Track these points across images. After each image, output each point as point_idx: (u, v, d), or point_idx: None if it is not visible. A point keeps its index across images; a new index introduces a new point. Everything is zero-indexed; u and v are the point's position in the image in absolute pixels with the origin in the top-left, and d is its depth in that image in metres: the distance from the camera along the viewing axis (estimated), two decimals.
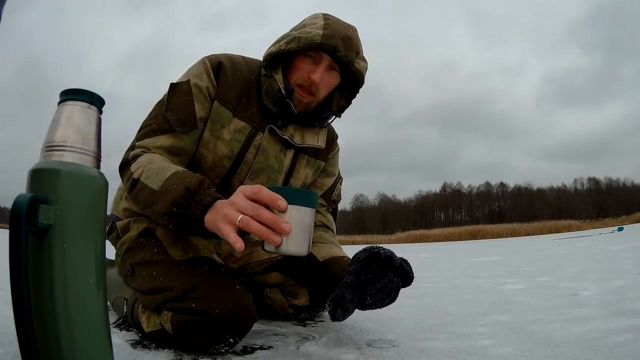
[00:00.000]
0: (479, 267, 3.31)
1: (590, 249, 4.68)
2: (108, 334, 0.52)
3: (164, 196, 0.74)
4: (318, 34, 0.88)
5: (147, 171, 0.80)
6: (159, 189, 0.75)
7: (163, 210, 0.74)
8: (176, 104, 0.91)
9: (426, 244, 15.29)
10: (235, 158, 0.97)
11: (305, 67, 0.92)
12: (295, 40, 0.89)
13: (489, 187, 50.45)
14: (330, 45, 0.87)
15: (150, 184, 0.77)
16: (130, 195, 0.84)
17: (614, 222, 18.49)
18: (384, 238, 23.56)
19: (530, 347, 0.84)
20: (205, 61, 0.95)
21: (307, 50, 0.90)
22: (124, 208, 1.04)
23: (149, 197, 0.77)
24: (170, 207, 0.72)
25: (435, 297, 1.70)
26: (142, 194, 0.79)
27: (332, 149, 1.15)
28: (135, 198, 0.82)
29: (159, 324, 0.85)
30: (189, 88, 0.92)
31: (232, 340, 0.81)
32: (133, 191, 0.81)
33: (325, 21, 0.91)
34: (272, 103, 0.96)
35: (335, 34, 0.88)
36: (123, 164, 0.88)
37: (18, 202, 0.45)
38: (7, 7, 0.52)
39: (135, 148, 0.87)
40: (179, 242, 0.92)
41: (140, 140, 0.89)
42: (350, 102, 1.03)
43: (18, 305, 0.45)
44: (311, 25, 0.91)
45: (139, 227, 0.98)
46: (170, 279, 0.85)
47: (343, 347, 0.88)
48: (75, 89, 0.54)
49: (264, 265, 1.09)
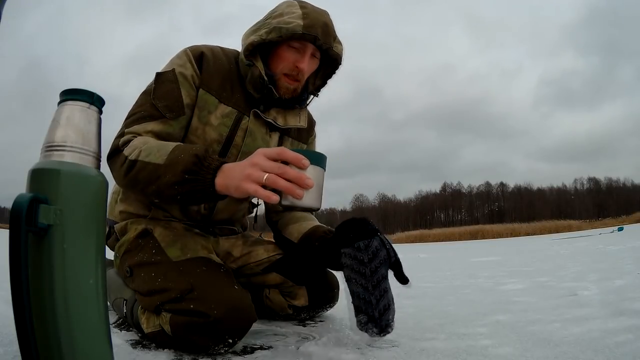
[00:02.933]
0: (479, 267, 3.31)
1: (590, 249, 4.68)
2: (108, 334, 0.52)
3: (173, 166, 0.75)
4: (299, 24, 0.91)
5: (145, 150, 0.80)
6: (164, 162, 0.76)
7: (173, 180, 0.75)
8: (163, 91, 0.92)
9: (426, 244, 15.28)
10: (224, 142, 0.99)
11: (291, 56, 0.95)
12: (276, 30, 0.92)
13: (489, 187, 50.48)
14: (312, 35, 0.91)
15: (154, 160, 0.78)
16: (127, 178, 0.81)
17: (614, 222, 18.48)
18: None
19: (530, 347, 0.84)
20: (187, 51, 0.98)
21: (290, 40, 0.93)
22: (120, 211, 1.04)
23: (154, 173, 0.77)
24: (182, 174, 0.74)
25: (435, 297, 1.70)
26: (143, 172, 0.78)
27: (311, 134, 1.21)
28: (134, 179, 0.81)
29: (158, 325, 0.85)
30: (175, 76, 0.94)
31: (231, 340, 0.80)
32: (130, 173, 0.80)
33: (303, 10, 0.93)
34: (254, 89, 0.99)
35: (315, 23, 0.92)
36: (113, 150, 0.86)
37: (18, 202, 0.45)
38: (9, 9, 0.52)
39: (125, 135, 0.87)
40: (177, 243, 0.93)
41: (129, 127, 0.88)
42: (326, 82, 1.08)
43: (18, 305, 0.45)
44: (289, 14, 0.93)
45: (137, 228, 0.98)
46: (169, 280, 0.85)
47: (343, 347, 0.88)
48: (75, 89, 0.54)
49: (262, 265, 1.09)
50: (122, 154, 0.83)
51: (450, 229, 23.27)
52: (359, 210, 51.01)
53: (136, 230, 0.98)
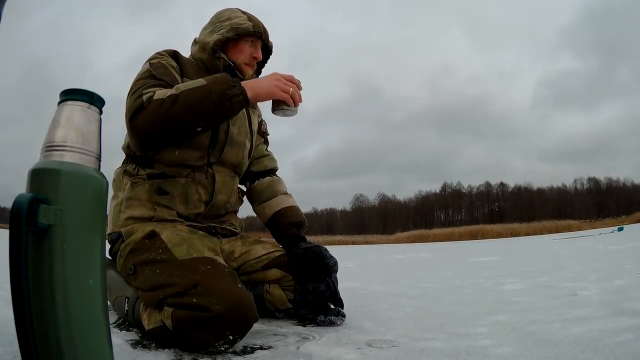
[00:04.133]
0: (479, 267, 3.31)
1: (590, 249, 4.67)
2: (108, 334, 0.52)
3: (219, 80, 0.96)
4: (250, 25, 1.15)
5: (179, 87, 0.95)
6: (207, 82, 0.95)
7: (226, 87, 0.94)
8: (162, 71, 1.03)
9: (426, 244, 15.28)
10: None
11: (248, 49, 1.17)
12: (233, 29, 1.13)
13: (489, 187, 50.42)
14: (260, 32, 1.16)
15: (196, 84, 0.94)
16: (173, 111, 0.91)
17: (614, 222, 18.44)
18: (384, 238, 23.55)
19: (530, 347, 0.84)
20: (161, 52, 1.11)
21: (245, 37, 1.15)
22: (126, 218, 1.05)
23: (201, 92, 0.93)
24: (229, 80, 0.96)
25: (435, 297, 1.70)
26: (189, 98, 0.92)
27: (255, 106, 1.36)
28: (180, 109, 0.92)
29: (159, 320, 0.86)
30: (164, 65, 1.06)
31: (231, 337, 0.81)
32: (175, 105, 0.92)
33: (246, 14, 1.18)
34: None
35: (259, 25, 1.17)
36: (139, 107, 0.93)
37: (18, 202, 0.45)
38: (11, 10, 0.52)
39: (143, 95, 0.94)
40: (183, 244, 0.94)
41: (145, 90, 0.95)
42: (261, 69, 1.31)
43: (18, 305, 0.44)
44: (237, 17, 1.16)
45: (145, 230, 1.00)
46: (173, 275, 0.86)
47: (343, 347, 0.88)
48: (75, 89, 0.54)
49: (262, 262, 1.15)
50: (154, 101, 0.92)
51: (450, 229, 23.24)
52: (358, 210, 51.00)
53: (144, 232, 1.00)
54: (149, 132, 0.94)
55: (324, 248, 1.17)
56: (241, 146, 1.17)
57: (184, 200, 1.08)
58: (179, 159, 1.07)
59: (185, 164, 1.08)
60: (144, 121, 0.93)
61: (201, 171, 1.10)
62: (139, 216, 1.05)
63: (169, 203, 1.06)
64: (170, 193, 1.06)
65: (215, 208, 1.15)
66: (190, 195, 1.08)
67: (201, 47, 1.16)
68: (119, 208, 1.07)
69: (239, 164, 1.19)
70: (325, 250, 1.17)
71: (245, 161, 1.22)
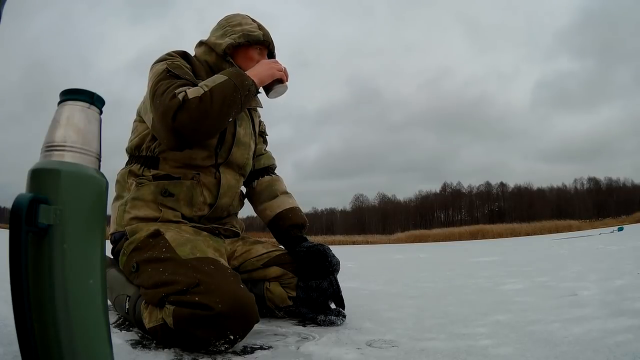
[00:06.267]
0: (479, 267, 3.31)
1: (591, 249, 4.67)
2: (108, 334, 0.52)
3: (235, 74, 1.03)
4: (260, 33, 1.19)
5: (205, 84, 0.98)
6: (229, 77, 1.01)
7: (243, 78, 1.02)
8: (181, 71, 1.04)
9: (426, 244, 15.27)
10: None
11: (256, 57, 1.19)
12: (245, 36, 1.17)
13: (489, 187, 50.37)
14: (268, 42, 1.22)
15: (221, 79, 1.00)
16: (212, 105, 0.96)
17: (614, 222, 18.42)
18: (384, 238, 23.53)
19: (530, 347, 0.84)
20: (171, 53, 1.12)
21: (255, 44, 1.19)
22: (131, 218, 1.05)
23: (227, 86, 0.99)
24: (242, 72, 1.05)
25: (435, 297, 1.70)
26: (223, 92, 0.98)
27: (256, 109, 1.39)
28: (217, 102, 0.96)
29: (160, 318, 0.86)
30: (179, 66, 1.06)
31: (232, 337, 0.81)
32: (213, 99, 0.96)
33: (255, 22, 1.22)
34: None
35: (268, 34, 1.22)
36: (179, 106, 0.94)
37: (18, 202, 0.45)
38: (12, 10, 0.52)
39: (177, 95, 0.96)
40: (187, 244, 0.95)
41: (177, 90, 0.97)
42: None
43: (18, 305, 0.44)
44: (247, 24, 1.20)
45: (149, 228, 1.00)
46: (176, 274, 0.87)
47: (343, 347, 0.88)
48: (76, 89, 0.54)
49: (263, 260, 1.17)
50: (191, 99, 0.95)
51: (450, 229, 23.21)
52: (359, 210, 50.97)
53: (148, 231, 1.00)
54: (193, 128, 0.96)
55: (327, 247, 1.19)
56: (247, 147, 1.19)
57: (189, 203, 1.09)
58: (187, 159, 1.08)
59: (192, 164, 1.08)
60: (187, 119, 0.94)
61: (208, 172, 1.11)
62: (143, 216, 1.05)
63: (174, 205, 1.07)
64: (176, 195, 1.07)
65: (219, 210, 1.16)
66: (195, 198, 1.09)
67: (209, 49, 1.18)
68: (124, 208, 1.07)
69: (244, 165, 1.20)
70: (329, 249, 1.19)
71: (250, 162, 1.24)
